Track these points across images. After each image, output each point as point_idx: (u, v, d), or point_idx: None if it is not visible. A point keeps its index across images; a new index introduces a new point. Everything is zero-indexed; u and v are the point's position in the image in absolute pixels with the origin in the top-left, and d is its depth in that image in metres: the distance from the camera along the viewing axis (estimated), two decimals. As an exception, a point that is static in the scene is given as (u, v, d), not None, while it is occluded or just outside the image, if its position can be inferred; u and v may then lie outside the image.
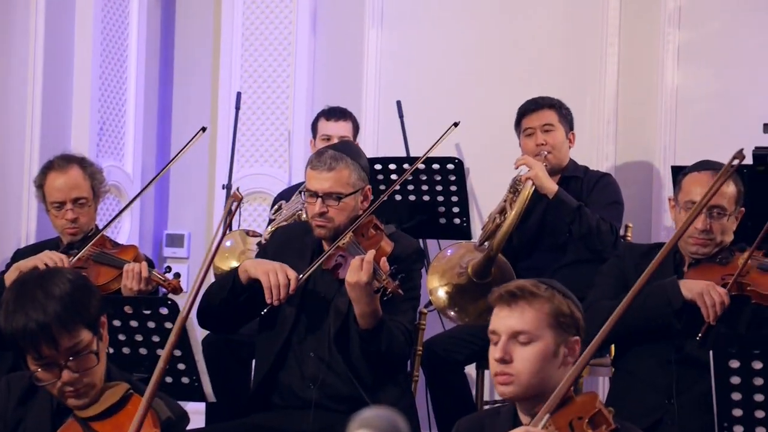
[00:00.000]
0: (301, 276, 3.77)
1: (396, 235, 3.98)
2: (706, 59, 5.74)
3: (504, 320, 2.75)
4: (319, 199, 3.87)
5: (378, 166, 4.82)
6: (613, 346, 4.28)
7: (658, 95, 5.79)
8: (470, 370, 4.99)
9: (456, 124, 4.52)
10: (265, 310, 3.75)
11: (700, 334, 3.58)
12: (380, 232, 3.87)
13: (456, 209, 4.82)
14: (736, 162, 2.90)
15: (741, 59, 5.65)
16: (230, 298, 3.86)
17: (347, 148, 4.02)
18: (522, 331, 2.72)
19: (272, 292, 3.72)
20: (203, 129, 4.62)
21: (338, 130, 5.27)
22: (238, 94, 6.03)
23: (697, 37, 5.76)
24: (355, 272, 3.60)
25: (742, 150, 2.87)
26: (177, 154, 4.54)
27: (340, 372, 3.83)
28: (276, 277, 3.73)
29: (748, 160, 4.24)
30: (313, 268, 3.82)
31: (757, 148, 4.29)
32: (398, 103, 5.75)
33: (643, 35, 5.86)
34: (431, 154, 4.44)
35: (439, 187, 4.80)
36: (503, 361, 2.71)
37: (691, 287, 3.67)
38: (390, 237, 3.90)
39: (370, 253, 3.63)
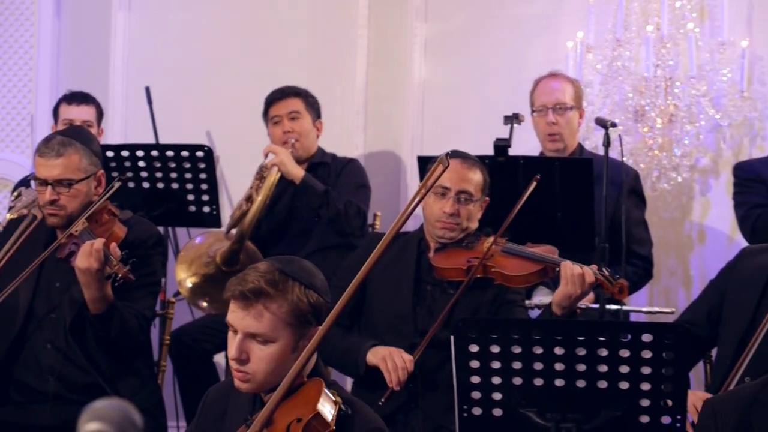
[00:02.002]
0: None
1: (132, 220, 3.90)
2: (451, 53, 5.91)
3: (240, 321, 2.64)
4: (49, 187, 3.76)
5: (125, 153, 4.71)
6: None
7: (406, 87, 5.92)
8: (219, 358, 4.96)
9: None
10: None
11: (382, 399, 3.62)
12: (114, 217, 3.79)
13: (205, 197, 4.77)
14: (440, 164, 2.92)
15: (484, 53, 5.84)
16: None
17: (77, 134, 3.92)
18: (258, 333, 2.63)
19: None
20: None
21: (81, 114, 5.13)
22: (-23, 77, 5.76)
23: (443, 31, 5.91)
24: (86, 257, 3.54)
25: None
26: None
27: (78, 362, 3.75)
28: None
29: (489, 151, 4.40)
30: (42, 258, 3.71)
31: (498, 139, 4.42)
32: (147, 90, 5.63)
33: (392, 28, 5.96)
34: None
35: (188, 175, 4.73)
36: (240, 360, 2.65)
37: (376, 353, 3.73)
38: (126, 223, 3.83)
39: (100, 240, 3.58)
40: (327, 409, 2.58)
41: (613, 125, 4.67)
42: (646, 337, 2.91)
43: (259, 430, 2.55)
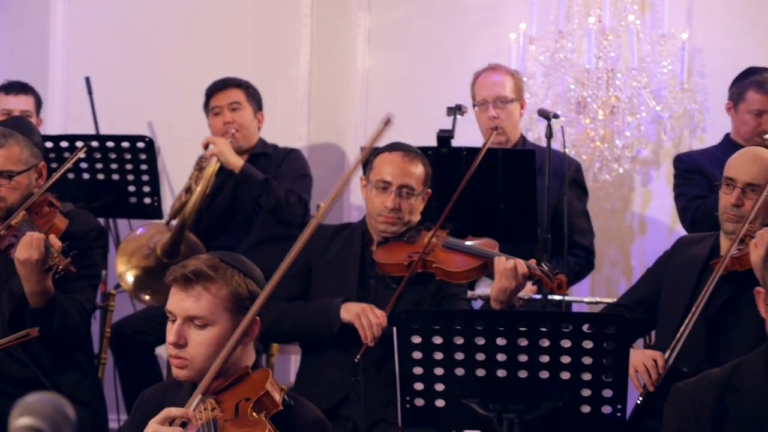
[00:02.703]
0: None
1: (73, 212, 3.85)
2: (395, 44, 5.90)
3: (180, 303, 2.64)
4: None
5: (64, 144, 4.65)
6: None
7: (350, 78, 5.90)
8: (161, 351, 4.92)
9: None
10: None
11: (358, 356, 3.65)
12: (54, 209, 3.74)
13: (146, 188, 4.73)
14: (385, 125, 2.92)
15: (428, 44, 5.84)
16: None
17: (18, 125, 3.86)
18: (197, 315, 2.63)
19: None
20: None
21: (19, 104, 5.08)
22: None
23: (386, 22, 5.90)
24: (26, 249, 3.49)
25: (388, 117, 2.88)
26: None
27: (17, 355, 3.70)
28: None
29: (433, 142, 4.40)
30: None
31: (441, 130, 4.43)
32: (87, 80, 5.56)
33: (336, 18, 5.94)
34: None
35: (129, 166, 4.69)
36: (178, 345, 2.64)
37: (350, 309, 3.75)
38: (66, 215, 3.78)
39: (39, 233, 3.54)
40: (275, 390, 2.61)
41: (556, 117, 4.69)
42: (587, 328, 2.92)
43: (196, 405, 2.52)
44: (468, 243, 3.88)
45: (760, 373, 2.63)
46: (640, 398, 3.53)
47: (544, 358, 2.95)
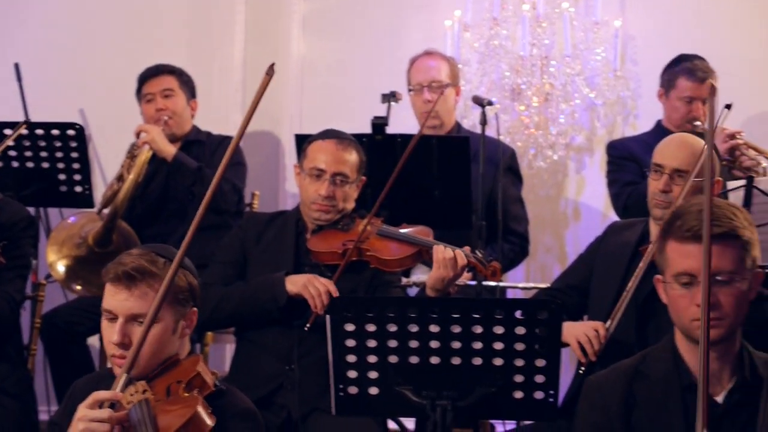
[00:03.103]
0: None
1: (2, 202, 3.80)
2: (329, 30, 5.87)
3: (123, 302, 2.62)
4: None
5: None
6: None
7: (285, 65, 5.85)
8: (93, 341, 4.86)
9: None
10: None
11: (308, 324, 3.65)
12: None
13: (77, 177, 4.66)
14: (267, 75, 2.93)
15: (363, 31, 5.83)
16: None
17: None
18: (142, 314, 2.60)
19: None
20: None
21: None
22: None
23: (321, 8, 5.88)
24: None
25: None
26: None
27: None
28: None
29: (368, 129, 4.39)
30: None
31: (375, 117, 4.42)
32: (16, 66, 5.46)
33: (270, 4, 5.90)
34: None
35: (59, 154, 4.62)
36: (123, 345, 2.61)
37: (295, 281, 3.72)
38: None
39: None
40: (206, 373, 2.62)
41: (490, 104, 4.70)
42: (519, 314, 2.93)
43: (123, 385, 2.49)
44: (403, 231, 3.87)
45: (668, 359, 2.66)
46: (582, 369, 3.56)
47: (477, 345, 2.95)
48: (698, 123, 4.90)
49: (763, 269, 2.67)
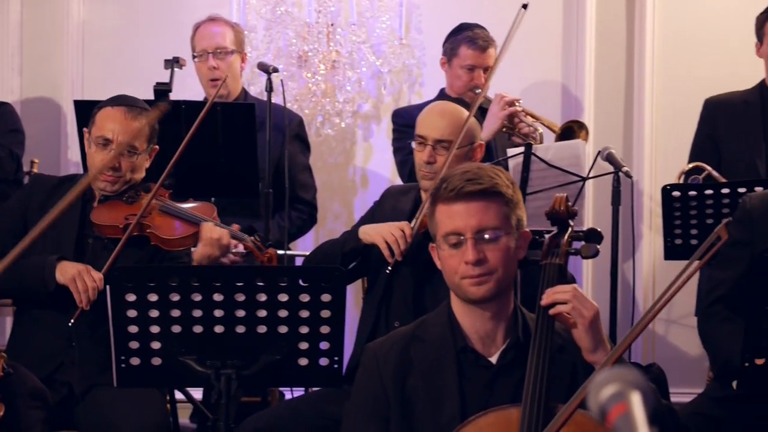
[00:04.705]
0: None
1: None
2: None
3: None
4: None
5: None
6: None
7: (64, 28, 5.66)
8: None
9: None
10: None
11: (72, 320, 3.49)
12: None
13: None
14: None
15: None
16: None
17: None
18: None
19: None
20: None
21: None
22: None
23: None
24: None
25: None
26: None
27: None
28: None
29: (151, 96, 4.29)
30: None
31: (158, 83, 4.33)
32: None
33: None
34: None
35: None
36: None
37: (65, 270, 3.55)
38: None
39: None
40: None
41: (276, 71, 4.68)
42: (303, 281, 2.94)
43: None
44: (186, 206, 3.78)
45: (444, 323, 2.72)
46: (389, 268, 3.59)
47: (262, 313, 2.94)
48: (479, 91, 5.01)
49: (534, 235, 2.75)
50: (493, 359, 2.68)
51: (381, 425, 2.68)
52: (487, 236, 2.61)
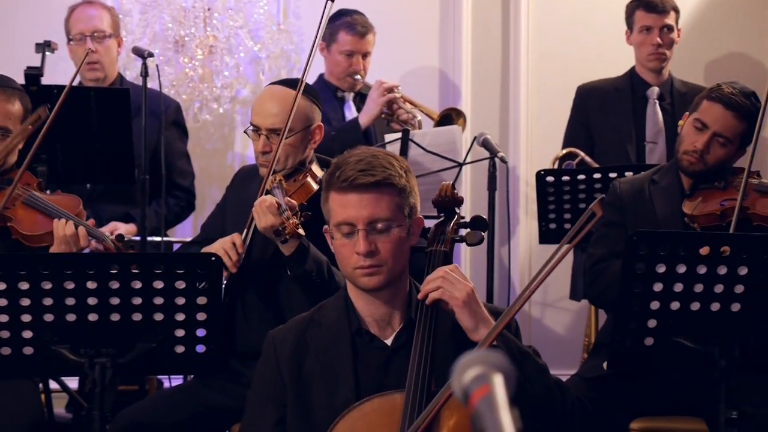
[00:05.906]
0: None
1: None
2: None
3: None
4: None
5: None
6: None
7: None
8: None
9: None
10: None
11: None
12: None
13: None
14: None
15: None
16: None
17: None
18: None
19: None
20: None
21: None
22: None
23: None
24: None
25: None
26: None
27: None
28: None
29: (22, 80, 4.19)
30: None
31: (28, 68, 4.24)
32: None
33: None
34: None
35: None
36: None
37: None
38: None
39: None
40: None
41: (151, 55, 4.63)
42: (179, 268, 2.91)
43: None
44: (51, 199, 3.62)
45: (340, 306, 2.75)
46: (225, 280, 3.47)
47: (137, 300, 2.90)
48: (359, 77, 5.03)
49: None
50: (389, 341, 2.70)
51: (279, 410, 2.70)
52: (379, 226, 2.63)
